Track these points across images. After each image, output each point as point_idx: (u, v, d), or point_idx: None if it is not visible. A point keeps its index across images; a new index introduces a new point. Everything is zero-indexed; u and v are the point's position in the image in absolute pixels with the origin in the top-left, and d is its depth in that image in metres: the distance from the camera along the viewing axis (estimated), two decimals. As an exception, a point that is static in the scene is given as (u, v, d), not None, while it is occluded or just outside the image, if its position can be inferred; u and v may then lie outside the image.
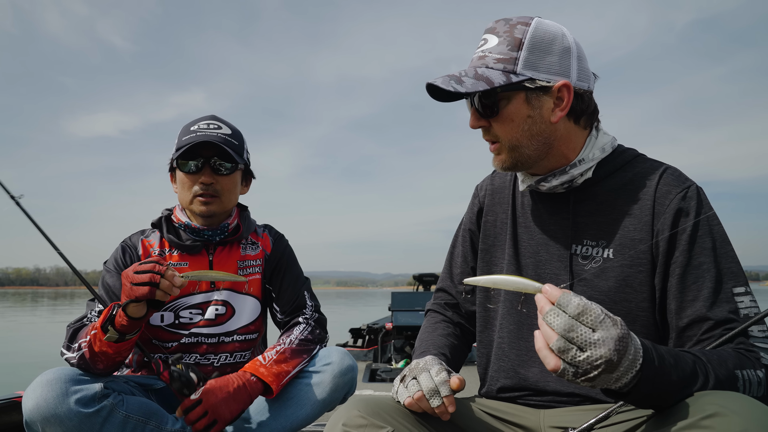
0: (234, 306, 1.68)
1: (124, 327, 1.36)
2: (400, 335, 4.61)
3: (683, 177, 1.09)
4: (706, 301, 0.99)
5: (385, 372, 3.90)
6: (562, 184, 1.12)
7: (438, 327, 1.31)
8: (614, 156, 1.13)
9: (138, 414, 1.42)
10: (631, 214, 1.07)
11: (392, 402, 1.07)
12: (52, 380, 1.32)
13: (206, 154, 1.61)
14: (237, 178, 1.69)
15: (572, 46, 1.07)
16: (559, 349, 0.80)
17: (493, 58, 1.06)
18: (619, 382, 0.81)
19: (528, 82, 1.04)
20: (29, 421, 1.31)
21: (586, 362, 0.79)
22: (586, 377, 0.80)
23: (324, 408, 1.57)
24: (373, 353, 4.84)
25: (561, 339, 0.80)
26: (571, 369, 0.80)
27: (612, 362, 0.79)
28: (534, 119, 1.06)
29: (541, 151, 1.09)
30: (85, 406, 1.33)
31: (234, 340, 1.67)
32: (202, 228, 1.66)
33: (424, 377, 1.02)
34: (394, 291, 4.90)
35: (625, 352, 0.80)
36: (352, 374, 1.61)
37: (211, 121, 1.65)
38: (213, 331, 1.65)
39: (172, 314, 1.64)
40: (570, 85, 1.05)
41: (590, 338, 0.79)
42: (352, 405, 1.03)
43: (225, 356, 1.67)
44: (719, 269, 1.00)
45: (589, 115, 1.12)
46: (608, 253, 1.08)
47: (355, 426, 0.98)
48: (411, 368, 1.08)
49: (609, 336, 0.79)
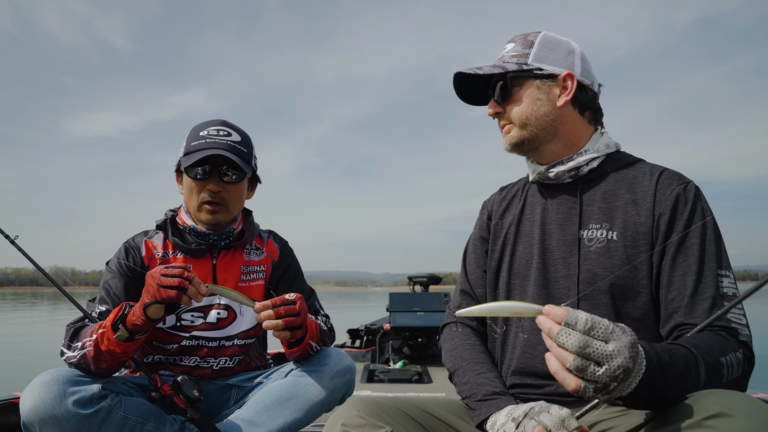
0: (236, 311, 1.69)
1: (137, 327, 1.37)
2: (398, 336, 4.61)
3: (683, 176, 1.19)
4: (693, 276, 1.08)
5: (383, 373, 3.91)
6: (569, 170, 1.23)
7: (475, 347, 1.29)
8: (618, 155, 1.25)
9: (136, 415, 1.42)
10: (634, 202, 1.16)
11: (391, 402, 1.07)
12: (50, 381, 1.32)
13: (215, 162, 1.61)
14: (244, 185, 1.70)
15: (577, 50, 1.25)
16: (578, 367, 0.79)
17: (509, 55, 1.26)
18: (629, 388, 0.81)
19: (537, 70, 1.21)
20: (27, 422, 1.31)
21: (605, 375, 0.79)
22: (606, 390, 0.80)
23: (322, 409, 1.57)
24: (371, 354, 4.84)
25: (577, 357, 0.79)
26: (591, 386, 0.80)
27: (629, 370, 0.79)
28: (542, 102, 1.22)
29: (548, 133, 1.23)
30: (83, 407, 1.32)
31: (234, 344, 1.68)
32: (207, 232, 1.66)
33: (545, 417, 0.95)
34: (392, 292, 4.90)
35: (637, 357, 0.81)
36: (350, 375, 1.61)
37: (221, 127, 1.65)
38: (214, 334, 1.65)
39: (174, 316, 1.63)
40: (573, 76, 1.21)
41: (606, 351, 0.79)
42: (351, 405, 1.04)
43: (224, 360, 1.68)
44: (707, 252, 1.09)
45: (593, 111, 1.26)
46: (612, 234, 1.15)
47: (354, 426, 0.99)
48: (521, 413, 1.00)
49: (622, 345, 0.79)
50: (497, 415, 1.05)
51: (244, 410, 1.56)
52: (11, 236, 1.67)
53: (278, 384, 1.58)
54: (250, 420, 1.53)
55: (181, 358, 1.64)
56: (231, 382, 1.69)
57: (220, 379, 1.69)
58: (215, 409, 1.67)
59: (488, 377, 1.18)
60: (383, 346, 4.80)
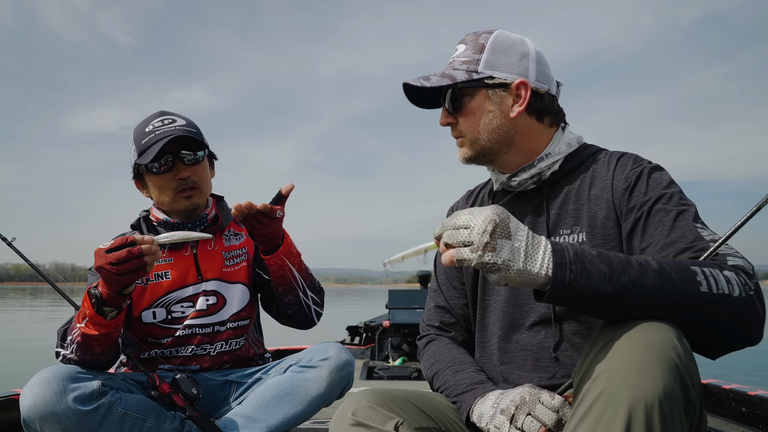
0: (224, 295, 1.69)
1: (119, 300, 1.38)
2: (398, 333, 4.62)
3: (640, 158, 1.15)
4: (669, 231, 1.00)
5: (383, 369, 3.92)
6: (531, 177, 1.19)
7: (453, 350, 1.26)
8: (579, 151, 1.20)
9: (136, 412, 1.43)
10: (595, 196, 1.14)
11: (401, 394, 1.08)
12: (50, 378, 1.33)
13: (172, 150, 1.60)
14: (207, 164, 1.71)
15: (531, 51, 1.17)
16: (450, 237, 0.86)
17: (459, 61, 1.18)
18: (515, 249, 0.84)
19: (487, 79, 1.14)
20: (27, 419, 1.32)
21: (475, 233, 0.83)
22: (486, 248, 0.83)
23: (321, 403, 1.58)
24: (370, 351, 4.86)
25: (451, 231, 0.86)
26: (467, 249, 0.84)
27: (497, 222, 0.83)
28: (494, 114, 1.16)
29: (502, 144, 1.18)
30: (83, 403, 1.33)
31: (228, 328, 1.69)
32: (181, 222, 1.67)
33: (541, 411, 0.94)
34: (391, 289, 4.91)
35: (507, 217, 0.85)
36: (349, 369, 1.62)
37: (164, 116, 1.64)
38: (206, 321, 1.66)
39: (164, 310, 1.65)
40: (527, 83, 1.14)
41: (471, 216, 0.85)
42: (362, 395, 1.04)
43: (221, 344, 1.69)
44: (679, 212, 1.02)
45: (553, 115, 1.19)
46: (581, 236, 1.12)
47: (365, 416, 1.00)
48: (511, 404, 0.98)
49: (483, 209, 0.86)
50: (482, 405, 1.04)
51: (243, 406, 1.57)
52: (8, 238, 1.70)
53: (277, 380, 1.58)
54: (249, 416, 1.54)
55: (177, 350, 1.65)
56: (230, 378, 1.70)
57: (220, 373, 1.70)
58: (214, 405, 1.68)
59: (467, 373, 1.16)
60: (382, 343, 4.82)
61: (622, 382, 0.77)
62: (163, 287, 1.65)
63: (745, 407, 2.20)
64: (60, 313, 19.52)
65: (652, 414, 0.75)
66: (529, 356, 1.15)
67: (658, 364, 0.77)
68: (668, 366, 0.77)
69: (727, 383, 2.36)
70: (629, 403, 0.75)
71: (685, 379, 0.78)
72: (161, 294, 1.65)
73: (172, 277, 1.66)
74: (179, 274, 1.67)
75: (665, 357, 0.77)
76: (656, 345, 0.79)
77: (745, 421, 2.20)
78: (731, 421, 2.25)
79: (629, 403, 0.75)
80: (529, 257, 0.84)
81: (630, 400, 0.76)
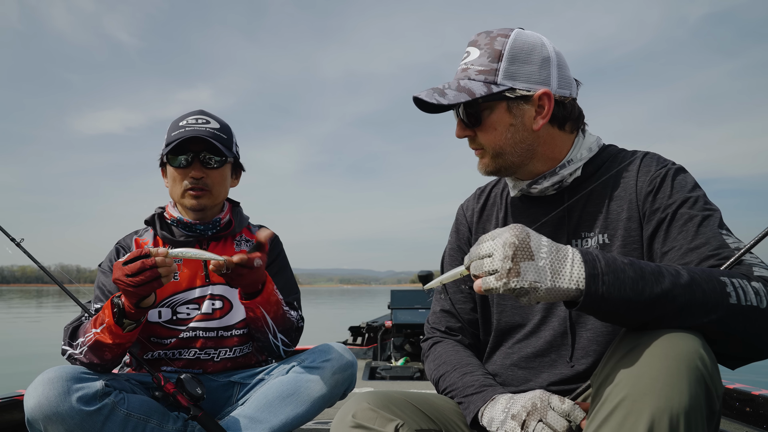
0: (231, 300, 1.69)
1: (137, 314, 1.40)
2: (400, 333, 4.62)
3: (663, 159, 1.12)
4: (693, 237, 0.99)
5: (385, 370, 3.92)
6: (553, 185, 1.16)
7: (460, 352, 1.25)
8: (600, 153, 1.17)
9: (139, 412, 1.44)
10: (618, 197, 1.11)
11: (401, 396, 1.08)
12: (54, 378, 1.34)
13: (195, 149, 1.63)
14: (226, 171, 1.71)
15: (551, 55, 1.10)
16: (476, 267, 0.87)
17: (475, 69, 1.10)
18: (541, 269, 0.82)
19: (508, 92, 1.08)
20: (31, 419, 1.32)
21: (498, 260, 0.83)
22: (510, 274, 0.82)
23: (324, 404, 1.58)
24: (372, 351, 4.85)
25: (475, 261, 0.87)
26: (492, 277, 0.84)
27: (515, 245, 0.83)
28: (516, 127, 1.10)
29: (525, 157, 1.13)
30: (87, 404, 1.34)
31: (233, 334, 1.69)
32: (193, 223, 1.68)
33: (552, 418, 0.94)
34: (393, 289, 4.90)
35: (528, 235, 0.84)
36: (351, 370, 1.62)
37: (200, 115, 1.67)
38: (210, 325, 1.66)
39: (170, 311, 1.65)
40: (550, 94, 1.09)
41: (491, 242, 0.86)
42: (362, 398, 1.04)
43: (225, 351, 1.69)
44: (704, 218, 1.00)
45: (574, 121, 1.15)
46: (603, 238, 1.10)
47: (366, 419, 1.00)
48: (522, 410, 0.96)
49: (499, 231, 0.86)
50: (492, 409, 1.03)
51: (246, 407, 1.58)
52: (17, 239, 1.71)
53: (280, 380, 1.59)
54: (252, 416, 1.54)
55: (180, 352, 1.65)
56: (233, 379, 1.70)
57: (224, 374, 1.70)
58: (218, 406, 1.68)
59: (475, 375, 1.15)
60: (385, 344, 4.81)
61: (647, 389, 0.77)
62: (170, 287, 1.66)
63: (749, 407, 2.19)
64: (65, 315, 19.58)
65: (678, 424, 0.74)
66: (540, 360, 1.14)
67: (685, 374, 0.76)
68: (695, 376, 0.76)
69: (731, 383, 2.35)
70: (653, 411, 0.75)
71: (711, 390, 0.78)
72: (168, 294, 1.65)
73: (180, 278, 1.67)
74: (187, 276, 1.67)
75: (693, 367, 0.77)
76: (683, 354, 0.78)
77: (749, 420, 2.19)
78: (735, 420, 2.24)
79: (653, 411, 0.75)
80: (557, 274, 0.83)
81: (655, 408, 0.75)
